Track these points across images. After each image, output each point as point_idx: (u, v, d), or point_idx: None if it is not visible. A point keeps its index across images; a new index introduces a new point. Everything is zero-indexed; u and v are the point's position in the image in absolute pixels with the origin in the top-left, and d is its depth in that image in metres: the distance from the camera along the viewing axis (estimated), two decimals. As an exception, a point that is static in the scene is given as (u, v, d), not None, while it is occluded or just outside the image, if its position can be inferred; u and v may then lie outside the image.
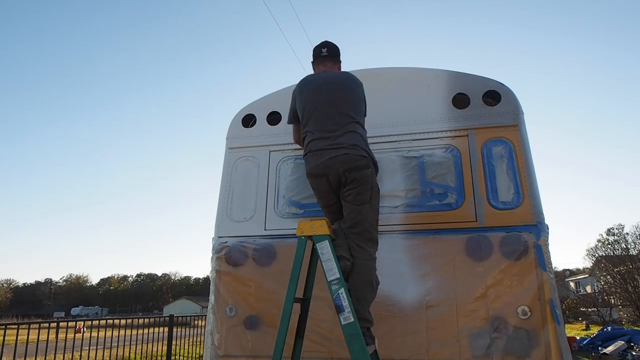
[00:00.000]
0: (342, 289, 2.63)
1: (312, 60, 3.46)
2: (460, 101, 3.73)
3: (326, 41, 3.46)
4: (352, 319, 2.58)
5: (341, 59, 3.47)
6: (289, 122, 3.47)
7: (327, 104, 3.09)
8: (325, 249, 2.74)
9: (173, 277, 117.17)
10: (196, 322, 11.85)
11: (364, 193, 2.91)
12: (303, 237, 2.87)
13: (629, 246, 24.32)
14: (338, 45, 3.46)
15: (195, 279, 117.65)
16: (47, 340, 6.84)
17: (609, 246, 25.57)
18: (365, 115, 3.26)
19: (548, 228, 3.37)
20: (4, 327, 6.32)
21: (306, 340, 3.35)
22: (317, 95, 3.13)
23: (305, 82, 3.28)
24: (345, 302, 2.61)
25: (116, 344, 8.25)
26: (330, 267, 2.70)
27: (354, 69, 4.18)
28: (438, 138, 3.67)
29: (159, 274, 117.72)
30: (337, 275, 2.66)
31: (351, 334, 2.56)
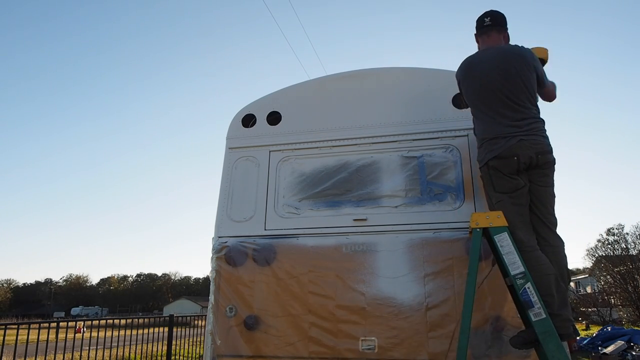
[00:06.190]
0: (529, 283, 2.47)
1: (475, 32, 3.28)
2: (460, 101, 3.72)
3: (490, 10, 3.22)
4: (544, 315, 2.42)
5: (507, 28, 3.21)
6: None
7: (502, 94, 2.94)
8: (505, 241, 2.61)
9: (173, 277, 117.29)
10: (196, 322, 11.84)
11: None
12: (478, 230, 2.71)
13: (629, 246, 24.28)
14: (503, 14, 3.20)
15: (195, 279, 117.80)
16: (47, 340, 6.83)
17: (609, 246, 25.53)
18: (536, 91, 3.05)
19: (548, 228, 3.36)
20: (4, 327, 6.30)
21: (310, 341, 3.36)
22: (488, 87, 2.99)
23: (468, 66, 3.11)
24: (534, 297, 2.44)
25: (116, 344, 8.24)
26: (513, 261, 2.54)
27: (354, 68, 4.19)
28: (438, 138, 3.67)
29: (159, 274, 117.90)
30: (522, 268, 2.51)
31: (544, 331, 2.40)
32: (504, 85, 2.96)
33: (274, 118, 4.09)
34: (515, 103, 2.94)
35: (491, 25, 3.19)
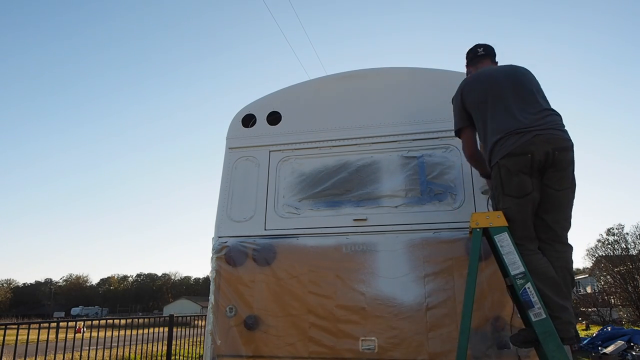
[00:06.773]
0: (529, 283, 2.47)
1: (466, 63, 3.30)
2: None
3: (479, 43, 3.28)
4: (544, 315, 2.42)
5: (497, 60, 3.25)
6: (461, 128, 3.07)
7: (513, 92, 2.84)
8: (505, 241, 2.58)
9: (173, 277, 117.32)
10: (196, 322, 11.84)
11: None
12: (478, 230, 2.70)
13: (629, 246, 24.23)
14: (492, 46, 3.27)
15: (195, 279, 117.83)
16: (47, 340, 6.83)
17: (609, 246, 25.47)
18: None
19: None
20: (4, 327, 6.30)
21: (310, 341, 3.36)
22: (498, 86, 2.89)
23: (474, 76, 3.05)
24: (534, 298, 2.44)
25: (116, 344, 8.24)
26: (513, 261, 2.53)
27: (353, 67, 4.20)
28: (438, 138, 3.67)
29: (159, 274, 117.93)
30: (522, 269, 2.50)
31: (544, 331, 2.40)
32: (515, 85, 2.88)
33: (274, 118, 4.09)
34: (529, 97, 2.84)
35: (485, 54, 3.24)
